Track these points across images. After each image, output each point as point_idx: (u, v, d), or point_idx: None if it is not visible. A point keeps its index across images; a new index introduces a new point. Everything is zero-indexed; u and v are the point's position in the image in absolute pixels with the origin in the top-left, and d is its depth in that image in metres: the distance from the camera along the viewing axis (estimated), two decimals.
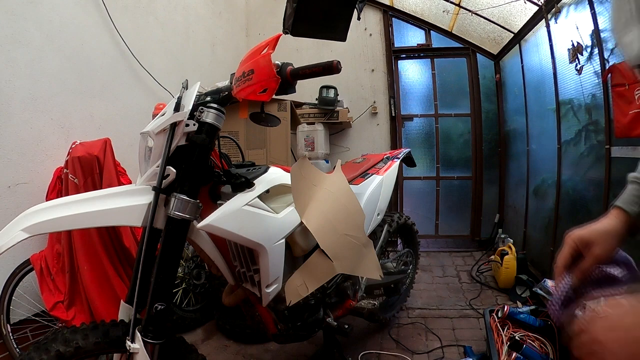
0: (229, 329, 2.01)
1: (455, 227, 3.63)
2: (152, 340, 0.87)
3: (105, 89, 2.18)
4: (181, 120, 0.89)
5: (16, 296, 1.67)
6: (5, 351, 1.63)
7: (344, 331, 1.44)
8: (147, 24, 2.52)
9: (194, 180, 0.92)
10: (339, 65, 0.85)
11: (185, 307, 2.11)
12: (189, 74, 2.81)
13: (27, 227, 0.79)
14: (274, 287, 1.10)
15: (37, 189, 1.79)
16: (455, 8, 3.18)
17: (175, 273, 0.93)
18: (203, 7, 3.15)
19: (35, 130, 1.79)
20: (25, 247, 1.67)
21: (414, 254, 2.17)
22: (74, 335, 0.84)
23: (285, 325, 1.24)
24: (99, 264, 1.71)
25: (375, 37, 3.59)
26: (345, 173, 1.43)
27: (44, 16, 1.83)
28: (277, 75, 0.87)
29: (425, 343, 1.90)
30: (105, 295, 1.69)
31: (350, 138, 3.68)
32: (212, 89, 1.03)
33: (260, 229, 1.02)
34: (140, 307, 0.88)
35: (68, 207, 0.83)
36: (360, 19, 3.35)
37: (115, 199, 0.87)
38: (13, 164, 1.71)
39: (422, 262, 2.69)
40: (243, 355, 1.87)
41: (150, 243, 0.90)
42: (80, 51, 2.02)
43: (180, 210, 0.88)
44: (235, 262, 1.12)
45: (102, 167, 1.78)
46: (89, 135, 2.00)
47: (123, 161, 1.94)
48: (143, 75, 2.45)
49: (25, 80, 1.75)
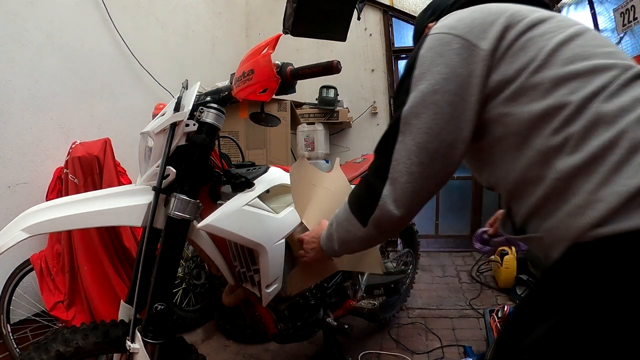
0: (229, 329, 2.01)
1: (455, 227, 3.62)
2: (152, 340, 0.86)
3: (105, 89, 2.18)
4: (181, 120, 0.89)
5: (16, 296, 1.67)
6: (5, 351, 1.63)
7: (344, 331, 1.44)
8: (147, 24, 2.52)
9: (194, 180, 0.92)
10: (339, 65, 0.84)
11: (185, 307, 2.11)
12: (189, 74, 2.80)
13: (27, 227, 0.79)
14: (274, 287, 1.10)
15: (37, 189, 1.79)
16: None
17: (175, 273, 0.93)
18: (203, 7, 3.15)
19: (35, 130, 1.79)
20: (25, 247, 1.67)
21: (414, 254, 2.17)
22: (74, 335, 0.84)
23: (285, 325, 1.24)
24: (99, 264, 1.71)
25: (375, 37, 3.59)
26: (345, 173, 1.43)
27: (44, 16, 1.83)
28: (277, 75, 0.87)
29: (425, 343, 1.89)
30: (105, 295, 1.69)
31: (350, 138, 3.68)
32: (212, 89, 1.03)
33: (260, 229, 1.02)
34: (140, 307, 0.88)
35: (68, 207, 0.83)
36: (360, 19, 3.35)
37: (115, 199, 0.87)
38: (13, 164, 1.70)
39: (422, 262, 2.68)
40: (243, 355, 1.87)
41: (150, 243, 0.90)
42: (80, 51, 2.02)
43: (180, 210, 0.88)
44: (235, 262, 1.12)
45: (102, 167, 1.78)
46: (89, 135, 2.00)
47: (123, 161, 1.94)
48: (143, 75, 2.45)
49: (25, 80, 1.75)
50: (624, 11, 2.00)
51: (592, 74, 0.58)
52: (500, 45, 0.62)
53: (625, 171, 0.52)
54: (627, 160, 0.52)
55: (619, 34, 2.06)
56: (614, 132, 0.53)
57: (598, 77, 0.58)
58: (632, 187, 0.50)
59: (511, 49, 0.62)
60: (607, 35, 2.16)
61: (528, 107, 0.60)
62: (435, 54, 0.64)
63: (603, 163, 0.53)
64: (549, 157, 0.58)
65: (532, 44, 0.62)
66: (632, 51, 2.06)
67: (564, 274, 0.56)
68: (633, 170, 0.51)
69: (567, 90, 0.58)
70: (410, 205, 0.69)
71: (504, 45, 0.62)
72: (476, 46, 0.62)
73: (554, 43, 0.61)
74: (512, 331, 0.64)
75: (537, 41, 0.62)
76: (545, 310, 0.58)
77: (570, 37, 0.62)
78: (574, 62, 0.59)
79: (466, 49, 0.62)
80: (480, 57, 0.62)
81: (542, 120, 0.59)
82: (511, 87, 0.62)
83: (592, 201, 0.53)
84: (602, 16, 2.15)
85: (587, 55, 0.60)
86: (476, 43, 0.62)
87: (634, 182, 0.50)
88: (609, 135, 0.54)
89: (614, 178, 0.52)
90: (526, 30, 0.63)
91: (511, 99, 0.62)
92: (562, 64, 0.60)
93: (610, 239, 0.51)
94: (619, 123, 0.54)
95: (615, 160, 0.53)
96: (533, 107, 0.60)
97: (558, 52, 0.60)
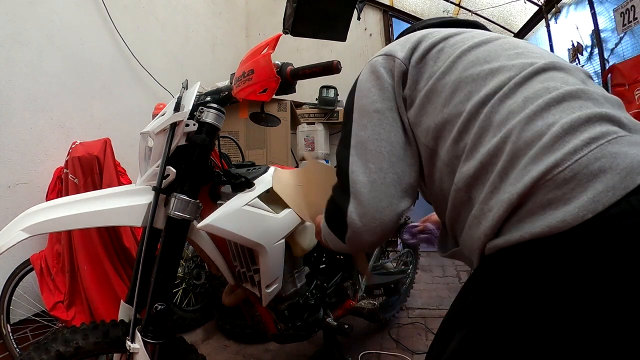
0: (229, 329, 2.01)
1: None
2: (152, 340, 0.86)
3: (105, 89, 2.18)
4: (181, 120, 0.89)
5: (16, 296, 1.67)
6: (5, 351, 1.63)
7: (344, 331, 1.44)
8: (147, 24, 2.52)
9: (194, 180, 0.92)
10: (339, 65, 0.84)
11: (185, 307, 2.11)
12: (189, 74, 2.80)
13: (27, 227, 0.79)
14: (274, 287, 1.10)
15: (37, 189, 1.79)
16: (455, 8, 3.19)
17: (175, 273, 0.93)
18: (203, 7, 3.16)
19: (35, 130, 1.79)
20: (25, 247, 1.67)
21: (414, 254, 2.17)
22: (74, 335, 0.84)
23: (285, 325, 1.24)
24: (99, 264, 1.71)
25: (375, 37, 3.59)
26: None
27: (44, 16, 1.83)
28: (277, 75, 0.87)
29: (425, 343, 1.89)
30: (105, 295, 1.69)
31: None
32: (212, 89, 1.03)
33: (260, 229, 1.02)
34: (140, 307, 0.88)
35: (68, 207, 0.83)
36: (360, 19, 3.35)
37: (115, 199, 0.87)
38: (13, 164, 1.71)
39: (422, 262, 2.68)
40: (243, 355, 1.87)
41: (150, 243, 0.90)
42: (80, 51, 2.02)
43: (180, 210, 0.88)
44: (235, 262, 1.12)
45: (102, 167, 1.78)
46: (89, 135, 2.00)
47: (123, 161, 1.94)
48: (143, 75, 2.45)
49: (25, 80, 1.75)
50: (624, 11, 2.00)
51: (489, 75, 0.57)
52: (413, 55, 0.66)
53: (510, 177, 0.49)
54: (511, 166, 0.50)
55: (619, 34, 2.06)
56: (499, 137, 0.52)
57: (494, 78, 0.56)
58: (516, 193, 0.47)
59: (424, 59, 0.65)
60: (607, 35, 2.16)
61: (432, 118, 0.61)
62: (370, 72, 0.69)
63: (491, 170, 0.52)
64: (453, 167, 0.58)
65: (443, 53, 0.64)
66: (632, 51, 2.06)
67: (475, 284, 0.56)
68: (516, 175, 0.49)
69: (462, 96, 0.58)
70: (379, 217, 0.64)
71: (417, 56, 0.66)
72: (395, 57, 0.67)
73: (460, 50, 0.62)
74: (436, 343, 0.61)
75: (447, 51, 0.64)
76: (461, 320, 0.56)
77: (478, 44, 0.62)
78: (474, 66, 0.59)
79: (388, 60, 0.68)
80: (396, 64, 0.66)
81: (443, 130, 0.59)
82: (420, 96, 0.63)
83: (485, 211, 0.51)
84: (602, 16, 2.15)
85: (490, 58, 0.59)
86: (395, 54, 0.67)
87: (517, 188, 0.47)
88: (495, 140, 0.52)
89: (501, 185, 0.50)
90: (439, 42, 0.66)
91: (420, 108, 0.63)
92: (462, 69, 0.60)
93: (505, 251, 0.49)
94: (506, 126, 0.52)
95: (501, 167, 0.50)
96: (436, 117, 0.60)
97: (462, 57, 0.61)
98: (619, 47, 2.10)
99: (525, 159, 0.49)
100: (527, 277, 0.47)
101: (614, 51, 2.12)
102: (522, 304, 0.47)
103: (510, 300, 0.48)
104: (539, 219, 0.46)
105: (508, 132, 0.52)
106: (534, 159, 0.48)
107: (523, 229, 0.47)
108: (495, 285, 0.51)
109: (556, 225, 0.44)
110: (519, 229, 0.47)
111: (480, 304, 0.53)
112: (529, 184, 0.47)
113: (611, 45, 2.14)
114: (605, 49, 2.14)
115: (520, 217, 0.48)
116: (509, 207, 0.48)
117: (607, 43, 2.15)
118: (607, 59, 2.13)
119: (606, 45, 2.15)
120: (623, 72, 2.03)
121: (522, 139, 0.50)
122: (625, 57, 2.08)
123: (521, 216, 0.48)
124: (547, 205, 0.46)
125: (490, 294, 0.51)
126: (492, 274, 0.52)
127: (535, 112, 0.51)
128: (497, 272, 0.51)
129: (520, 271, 0.48)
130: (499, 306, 0.50)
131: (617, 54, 2.11)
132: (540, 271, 0.46)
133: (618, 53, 2.11)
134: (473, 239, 0.54)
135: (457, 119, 0.58)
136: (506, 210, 0.48)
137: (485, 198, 0.52)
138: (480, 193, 0.53)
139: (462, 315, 0.56)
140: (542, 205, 0.46)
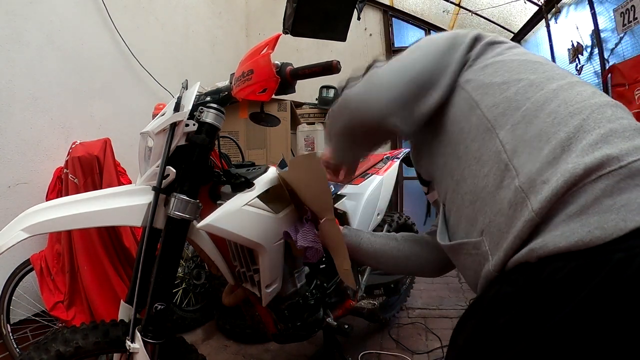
0: (229, 329, 2.01)
1: None
2: (152, 340, 0.86)
3: (105, 89, 2.18)
4: (181, 120, 0.89)
5: (16, 296, 1.67)
6: (5, 351, 1.63)
7: (344, 331, 1.44)
8: (147, 24, 2.52)
9: (194, 180, 0.92)
10: (339, 65, 0.84)
11: (185, 307, 2.11)
12: (189, 74, 2.80)
13: (27, 227, 0.79)
14: (274, 287, 1.10)
15: (37, 189, 1.79)
16: (455, 8, 3.19)
17: (175, 273, 0.93)
18: (203, 7, 3.15)
19: (35, 130, 1.79)
20: (25, 247, 1.67)
21: None
22: (74, 335, 0.84)
23: (285, 325, 1.24)
24: (99, 264, 1.71)
25: (375, 37, 3.59)
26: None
27: (44, 16, 1.83)
28: (276, 75, 0.87)
29: (425, 343, 1.89)
30: (105, 295, 1.69)
31: None
32: (212, 89, 1.03)
33: (260, 229, 1.02)
34: (140, 307, 0.88)
35: (68, 207, 0.83)
36: (360, 19, 3.35)
37: (115, 199, 0.87)
38: (13, 164, 1.71)
39: None
40: (243, 355, 1.87)
41: (150, 243, 0.90)
42: (80, 51, 2.02)
43: (180, 210, 0.88)
44: (235, 262, 1.11)
45: (102, 167, 1.78)
46: (89, 135, 2.00)
47: (123, 161, 1.94)
48: (143, 75, 2.45)
49: (25, 80, 1.75)
50: (624, 11, 2.00)
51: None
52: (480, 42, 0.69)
53: (576, 148, 0.47)
54: (577, 139, 0.48)
55: (619, 34, 2.06)
56: (566, 109, 0.52)
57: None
58: (583, 164, 0.45)
59: (492, 45, 0.68)
60: (607, 35, 2.16)
61: (490, 77, 0.63)
62: (444, 34, 0.72)
63: (554, 139, 0.51)
64: (496, 124, 0.59)
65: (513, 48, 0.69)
66: (632, 51, 2.06)
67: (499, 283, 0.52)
68: (585, 148, 0.46)
69: (529, 69, 0.61)
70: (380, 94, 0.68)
71: (485, 41, 0.69)
72: (466, 36, 0.71)
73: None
74: (456, 333, 0.60)
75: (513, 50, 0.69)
76: (470, 312, 0.57)
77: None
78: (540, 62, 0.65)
79: (460, 36, 0.71)
80: (469, 38, 0.69)
81: (500, 87, 0.61)
82: (485, 60, 0.66)
83: (537, 183, 0.48)
84: (602, 16, 2.15)
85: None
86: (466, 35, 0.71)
87: (586, 160, 0.45)
88: (562, 111, 0.53)
89: (562, 156, 0.47)
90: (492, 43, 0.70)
91: (482, 70, 0.65)
92: (529, 56, 0.65)
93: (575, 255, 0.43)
94: (575, 103, 0.52)
95: (565, 137, 0.49)
96: (495, 78, 0.62)
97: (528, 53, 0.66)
98: (619, 47, 2.10)
99: (594, 136, 0.45)
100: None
101: (614, 51, 2.12)
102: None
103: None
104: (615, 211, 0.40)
105: (579, 108, 0.49)
106: (606, 138, 0.45)
107: (591, 224, 0.40)
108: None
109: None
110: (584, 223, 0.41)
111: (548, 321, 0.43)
112: (600, 158, 0.42)
113: (611, 45, 2.14)
114: (605, 49, 2.14)
115: (583, 205, 0.42)
116: (570, 179, 0.43)
117: (607, 43, 2.15)
118: (607, 59, 2.13)
119: (606, 45, 2.15)
120: (623, 72, 2.03)
121: (592, 118, 0.47)
122: (625, 57, 2.08)
123: (586, 204, 0.42)
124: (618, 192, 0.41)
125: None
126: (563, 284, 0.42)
127: (606, 104, 0.51)
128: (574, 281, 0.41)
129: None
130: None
131: (617, 54, 2.11)
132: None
133: (618, 53, 2.11)
134: (512, 220, 0.47)
135: (519, 83, 0.56)
136: (566, 182, 0.43)
137: (540, 168, 0.46)
138: (526, 162, 0.48)
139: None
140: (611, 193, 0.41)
